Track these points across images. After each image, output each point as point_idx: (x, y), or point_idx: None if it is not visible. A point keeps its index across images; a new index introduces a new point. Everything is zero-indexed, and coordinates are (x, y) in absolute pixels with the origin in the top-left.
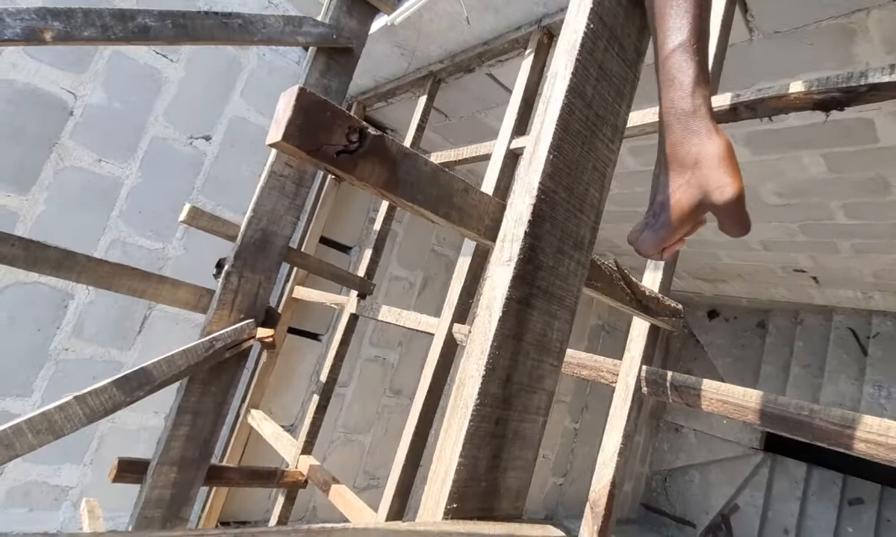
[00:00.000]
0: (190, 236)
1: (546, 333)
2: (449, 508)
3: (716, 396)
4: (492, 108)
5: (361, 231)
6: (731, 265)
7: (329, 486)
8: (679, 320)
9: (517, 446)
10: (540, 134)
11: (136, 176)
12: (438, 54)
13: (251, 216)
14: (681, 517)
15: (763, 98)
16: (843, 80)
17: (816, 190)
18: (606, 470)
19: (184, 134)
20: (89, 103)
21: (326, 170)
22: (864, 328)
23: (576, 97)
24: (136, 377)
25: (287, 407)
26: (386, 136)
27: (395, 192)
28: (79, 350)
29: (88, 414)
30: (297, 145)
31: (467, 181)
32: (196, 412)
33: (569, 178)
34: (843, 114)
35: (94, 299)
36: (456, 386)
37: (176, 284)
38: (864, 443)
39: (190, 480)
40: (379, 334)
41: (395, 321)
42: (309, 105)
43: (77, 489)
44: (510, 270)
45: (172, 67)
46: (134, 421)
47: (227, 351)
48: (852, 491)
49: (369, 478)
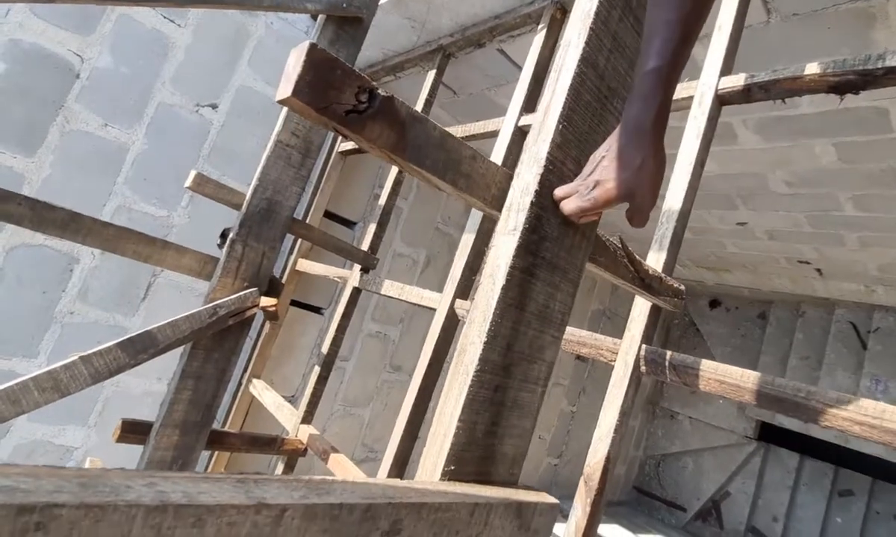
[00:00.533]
0: (195, 205)
1: (548, 304)
2: (447, 470)
3: (714, 376)
4: (501, 86)
5: (366, 206)
6: (736, 254)
7: (328, 455)
8: (681, 301)
9: (515, 414)
10: (550, 103)
11: (142, 142)
12: (449, 27)
13: (256, 185)
14: (672, 501)
15: (777, 79)
16: (860, 62)
17: (826, 180)
18: (602, 446)
19: (190, 101)
20: (96, 66)
21: (335, 129)
22: (864, 322)
23: (588, 67)
24: (140, 340)
25: (288, 379)
26: (395, 98)
27: (402, 156)
28: (84, 314)
29: (93, 375)
30: (307, 102)
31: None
32: (199, 376)
33: (577, 150)
34: (857, 102)
35: (99, 264)
36: (457, 352)
37: (180, 250)
38: (859, 425)
39: (192, 443)
40: (381, 310)
41: (398, 295)
42: (319, 61)
43: (81, 450)
44: (515, 239)
45: (180, 32)
46: (138, 386)
47: (231, 318)
48: (843, 483)
49: (367, 451)
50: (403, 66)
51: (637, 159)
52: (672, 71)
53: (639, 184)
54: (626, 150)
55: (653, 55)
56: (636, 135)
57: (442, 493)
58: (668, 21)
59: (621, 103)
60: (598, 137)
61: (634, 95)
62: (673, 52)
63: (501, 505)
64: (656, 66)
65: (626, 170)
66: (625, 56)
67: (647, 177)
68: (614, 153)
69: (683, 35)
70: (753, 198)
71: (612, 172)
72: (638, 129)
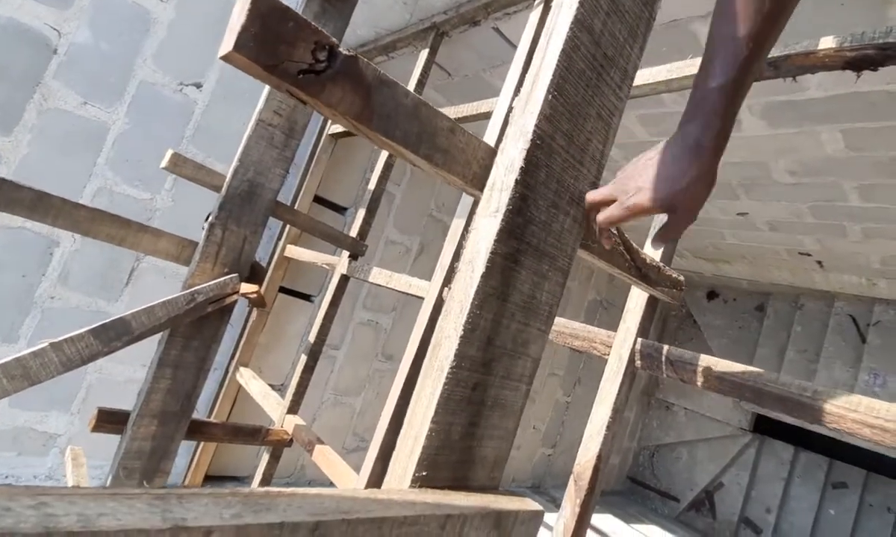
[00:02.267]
0: (179, 187)
1: (534, 295)
2: (418, 476)
3: (713, 373)
4: (497, 67)
5: (357, 192)
6: (736, 245)
7: (313, 446)
8: (679, 292)
9: (497, 414)
10: (539, 70)
11: (124, 121)
12: (443, 4)
13: (237, 166)
14: (665, 491)
15: (789, 55)
16: (880, 35)
17: (831, 169)
18: (593, 443)
19: (173, 79)
20: (74, 42)
21: (288, 91)
22: (864, 315)
23: (582, 31)
24: (113, 327)
25: (277, 367)
26: (360, 58)
27: (368, 125)
28: (65, 298)
29: (64, 362)
30: (252, 58)
31: None
32: (177, 365)
33: (569, 124)
34: (870, 85)
35: (80, 248)
36: (432, 346)
37: (157, 234)
38: (870, 429)
39: (171, 433)
40: (372, 298)
41: (386, 283)
42: (268, 10)
43: (65, 436)
44: (497, 222)
45: (162, 7)
46: (121, 372)
47: (210, 305)
48: (837, 475)
49: (359, 440)
50: (396, 45)
51: (689, 175)
52: (739, 88)
53: (683, 201)
54: (679, 163)
55: (718, 72)
56: (694, 151)
57: (409, 504)
58: (734, 38)
59: (619, 74)
60: (591, 110)
61: (695, 109)
62: (740, 68)
63: (478, 516)
64: (721, 83)
65: (676, 184)
66: (623, 20)
67: (693, 195)
68: (667, 162)
69: (752, 54)
70: (755, 187)
71: (661, 182)
72: (697, 146)
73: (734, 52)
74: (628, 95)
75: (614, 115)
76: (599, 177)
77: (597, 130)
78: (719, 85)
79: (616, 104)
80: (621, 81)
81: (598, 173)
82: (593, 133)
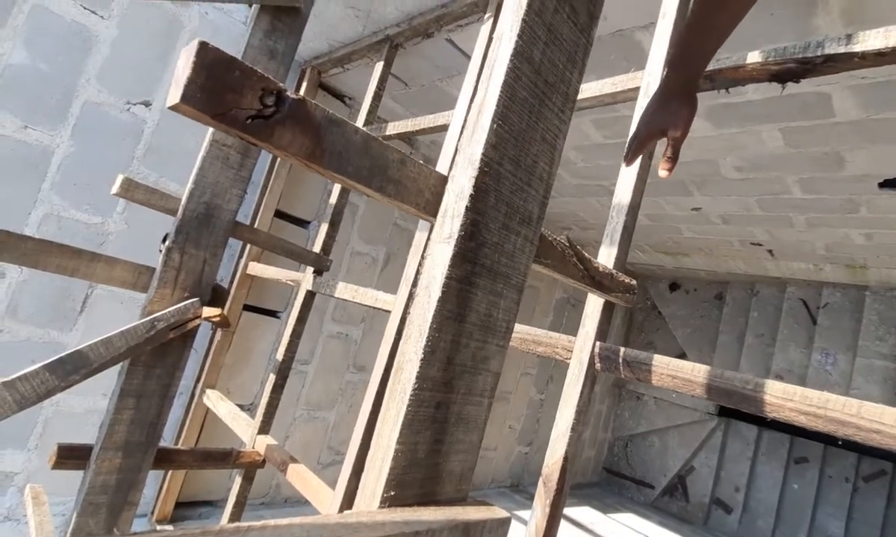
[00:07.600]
0: (132, 210)
1: (491, 313)
2: (386, 496)
3: (666, 371)
4: (453, 77)
5: (320, 204)
6: (692, 238)
7: (287, 466)
8: (633, 296)
9: (461, 429)
10: (484, 101)
11: (69, 144)
12: (395, 17)
13: (192, 188)
14: (640, 479)
15: (721, 69)
16: (799, 50)
17: (774, 164)
18: (559, 446)
19: (120, 99)
20: (10, 63)
21: (239, 137)
22: (814, 299)
23: (522, 62)
24: (70, 360)
25: (246, 387)
26: (308, 100)
27: (320, 164)
28: (14, 331)
29: (18, 401)
30: (199, 108)
31: (431, 153)
32: (140, 395)
33: (515, 150)
34: (802, 88)
35: (28, 278)
36: (394, 369)
37: (111, 262)
38: (805, 416)
39: (137, 465)
40: (341, 310)
41: (352, 298)
42: (213, 62)
43: (23, 474)
44: (451, 248)
45: (104, 25)
46: (80, 404)
47: (171, 331)
48: (798, 451)
49: (334, 454)
50: (351, 57)
51: (652, 103)
52: (678, 52)
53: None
54: (652, 100)
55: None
56: (661, 84)
57: (378, 525)
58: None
59: (560, 98)
60: (536, 134)
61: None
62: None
63: (446, 529)
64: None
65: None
66: (562, 49)
67: (683, 116)
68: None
69: (687, 39)
70: (706, 184)
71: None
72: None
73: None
74: (570, 117)
75: (559, 137)
76: (548, 196)
77: (542, 153)
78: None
79: (560, 127)
80: (563, 105)
81: (546, 193)
82: (539, 155)
